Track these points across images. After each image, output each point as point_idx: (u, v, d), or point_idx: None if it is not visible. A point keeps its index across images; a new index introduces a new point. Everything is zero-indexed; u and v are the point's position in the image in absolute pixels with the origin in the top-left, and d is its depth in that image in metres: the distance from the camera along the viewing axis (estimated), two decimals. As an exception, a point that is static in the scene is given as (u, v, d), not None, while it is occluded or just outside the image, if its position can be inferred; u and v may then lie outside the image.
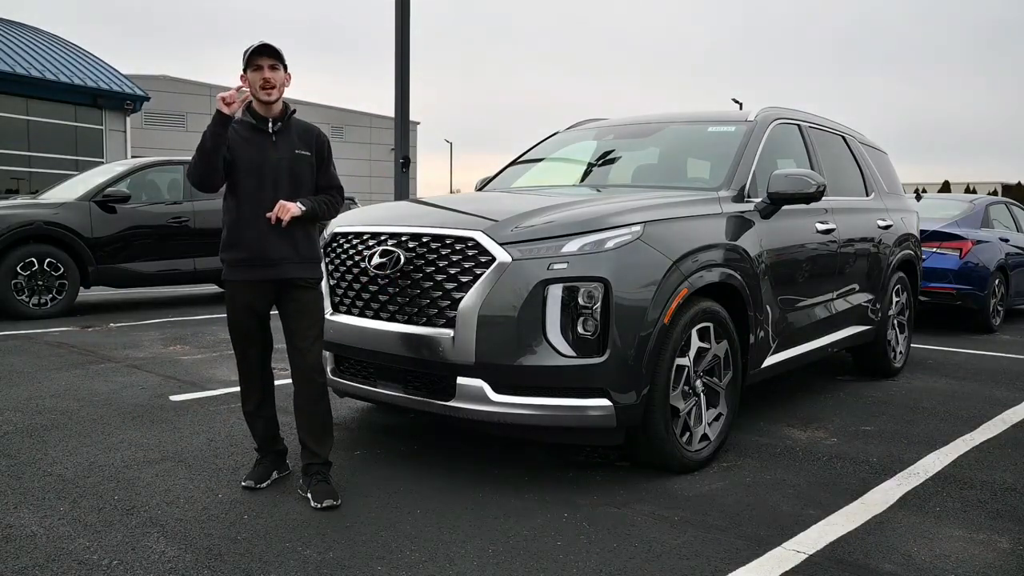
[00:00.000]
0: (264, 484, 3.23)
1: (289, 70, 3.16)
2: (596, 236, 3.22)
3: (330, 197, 3.25)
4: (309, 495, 3.04)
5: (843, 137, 5.66)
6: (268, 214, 3.05)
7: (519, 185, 5.03)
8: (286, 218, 3.04)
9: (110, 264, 8.34)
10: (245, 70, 3.09)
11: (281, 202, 3.06)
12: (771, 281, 4.05)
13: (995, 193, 38.57)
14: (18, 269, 7.73)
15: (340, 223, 3.78)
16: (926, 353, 6.80)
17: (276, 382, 3.41)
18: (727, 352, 3.64)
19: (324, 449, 3.17)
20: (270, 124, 3.13)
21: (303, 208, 3.09)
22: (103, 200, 8.30)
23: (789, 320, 4.31)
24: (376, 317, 3.45)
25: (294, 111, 3.22)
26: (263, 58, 3.06)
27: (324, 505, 2.99)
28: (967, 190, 44.48)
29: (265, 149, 3.11)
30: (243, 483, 3.21)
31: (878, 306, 5.44)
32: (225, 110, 2.94)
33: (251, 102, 3.13)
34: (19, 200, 9.06)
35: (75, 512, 2.92)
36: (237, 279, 3.14)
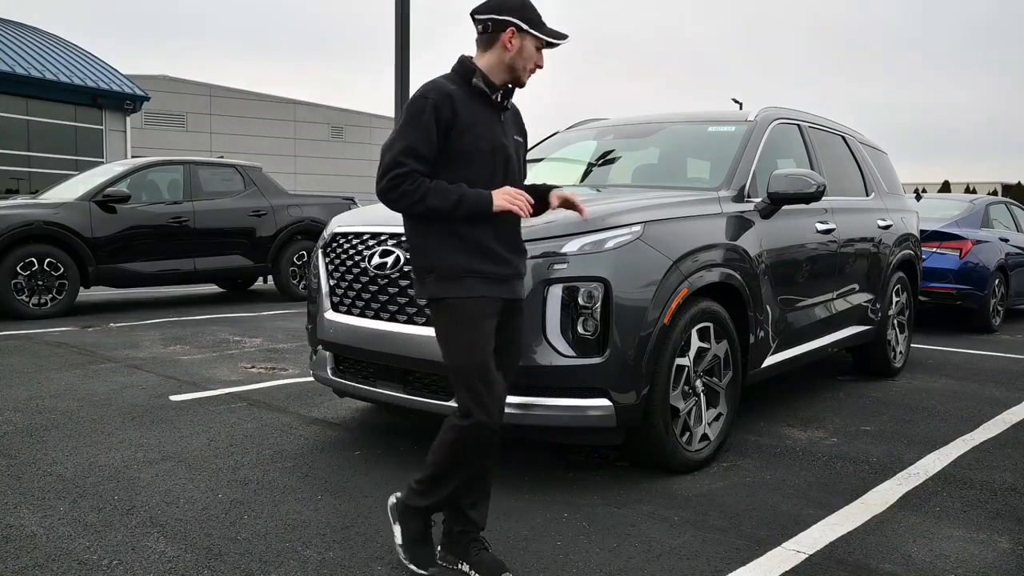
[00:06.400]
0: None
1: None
2: (596, 236, 3.22)
3: None
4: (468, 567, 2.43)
5: (843, 137, 5.66)
6: (523, 215, 2.37)
7: (519, 185, 5.02)
8: (588, 213, 2.58)
9: (110, 264, 8.34)
10: (525, 32, 2.39)
11: (563, 193, 2.53)
12: (771, 281, 4.05)
13: (995, 193, 38.53)
14: (18, 269, 7.73)
15: (340, 223, 3.77)
16: (926, 353, 6.80)
17: (275, 382, 3.38)
18: (727, 352, 3.64)
19: (482, 517, 2.50)
20: (500, 95, 2.45)
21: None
22: (103, 200, 8.30)
23: (789, 320, 4.31)
24: (376, 317, 3.45)
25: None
26: (555, 47, 2.51)
27: None
28: (967, 190, 44.47)
29: (497, 128, 2.44)
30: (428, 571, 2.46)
31: (878, 306, 5.44)
32: (510, 208, 2.32)
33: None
34: (19, 200, 9.05)
35: (75, 512, 2.92)
36: (478, 295, 2.36)
